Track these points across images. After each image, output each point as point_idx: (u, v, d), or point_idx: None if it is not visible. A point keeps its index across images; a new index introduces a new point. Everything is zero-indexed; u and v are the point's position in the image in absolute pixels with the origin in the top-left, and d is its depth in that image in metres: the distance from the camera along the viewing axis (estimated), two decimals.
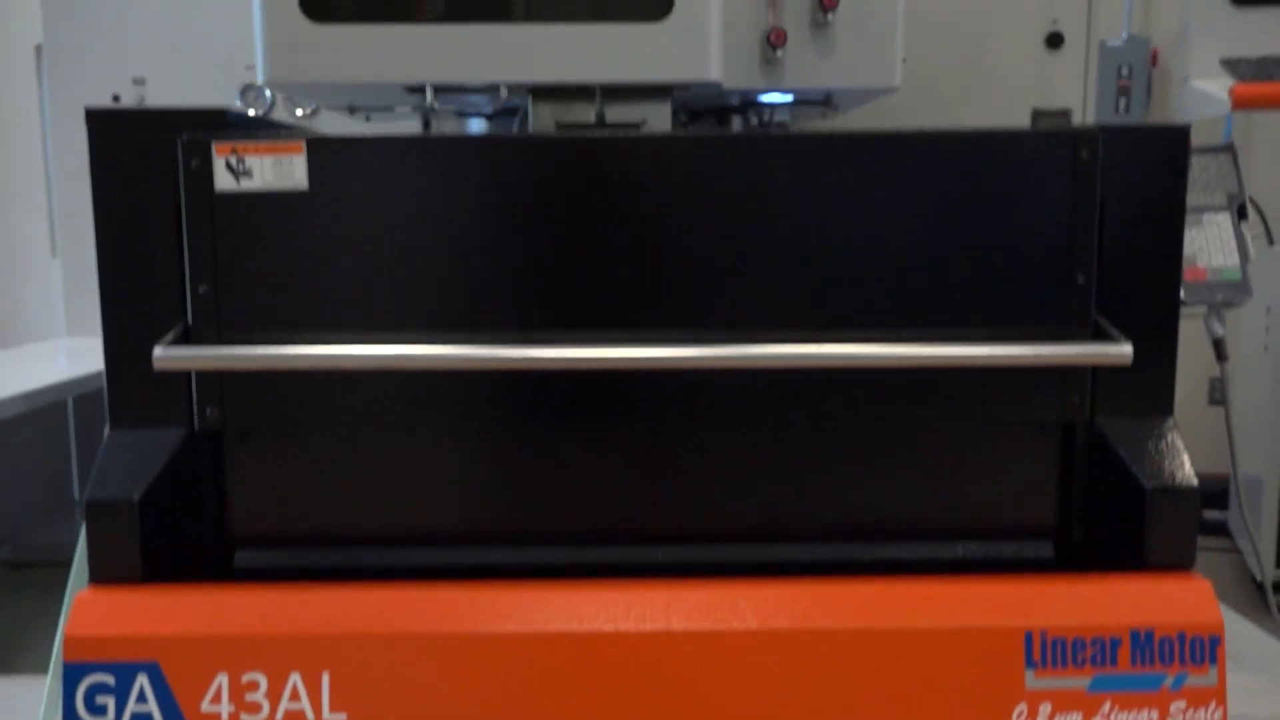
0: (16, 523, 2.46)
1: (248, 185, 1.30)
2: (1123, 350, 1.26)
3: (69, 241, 2.64)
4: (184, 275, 1.33)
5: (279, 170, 1.30)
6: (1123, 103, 4.66)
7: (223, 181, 1.30)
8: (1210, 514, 4.06)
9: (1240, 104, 1.58)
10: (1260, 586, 3.26)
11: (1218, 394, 3.30)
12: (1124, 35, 4.67)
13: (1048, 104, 2.52)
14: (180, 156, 1.30)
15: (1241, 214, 1.42)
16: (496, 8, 1.56)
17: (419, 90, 1.64)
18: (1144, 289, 1.34)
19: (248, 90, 2.62)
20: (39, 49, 6.26)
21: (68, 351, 2.44)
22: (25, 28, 6.11)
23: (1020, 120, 2.52)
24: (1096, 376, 1.34)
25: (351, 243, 1.33)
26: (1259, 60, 1.63)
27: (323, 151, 1.31)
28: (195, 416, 1.34)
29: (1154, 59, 4.64)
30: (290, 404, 1.35)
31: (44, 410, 1.97)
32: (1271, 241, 3.18)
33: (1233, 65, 1.64)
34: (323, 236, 1.32)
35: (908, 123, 2.41)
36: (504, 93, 1.64)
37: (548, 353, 1.27)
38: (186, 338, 1.32)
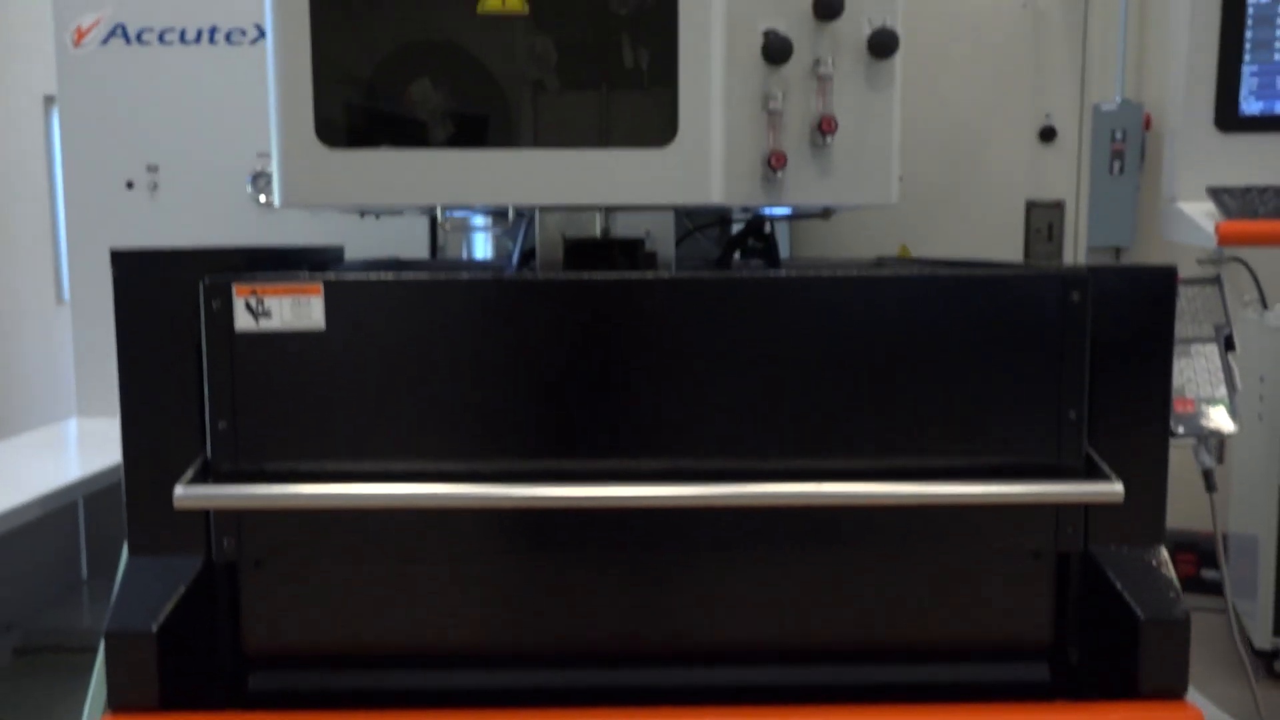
0: (25, 608, 2.49)
1: (266, 325, 1.35)
2: (1114, 489, 1.30)
3: (81, 325, 2.68)
4: (203, 410, 1.37)
5: (297, 311, 1.35)
6: (1116, 165, 4.75)
7: (242, 322, 1.35)
8: (1209, 573, 4.10)
9: (1225, 241, 1.63)
10: (1256, 650, 3.29)
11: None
12: (1117, 100, 4.77)
13: (1042, 194, 2.60)
14: (202, 297, 1.35)
15: (1229, 345, 1.47)
16: (505, 134, 1.61)
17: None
18: (1135, 423, 1.38)
19: (258, 177, 2.68)
20: (47, 99, 6.38)
21: (80, 439, 2.47)
22: (34, 78, 6.22)
23: (1015, 210, 2.60)
24: (1090, 507, 1.38)
25: (366, 380, 1.37)
26: (1244, 191, 1.68)
27: (339, 293, 1.35)
28: (212, 547, 1.38)
29: (1147, 123, 4.74)
30: (304, 535, 1.39)
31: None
32: (1266, 305, 3.23)
33: (1217, 194, 1.69)
34: (338, 374, 1.36)
35: (906, 216, 2.47)
36: (512, 213, 1.69)
37: (555, 491, 1.31)
38: (205, 470, 1.37)
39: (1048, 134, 2.54)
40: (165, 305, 1.37)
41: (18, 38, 6.14)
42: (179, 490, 1.29)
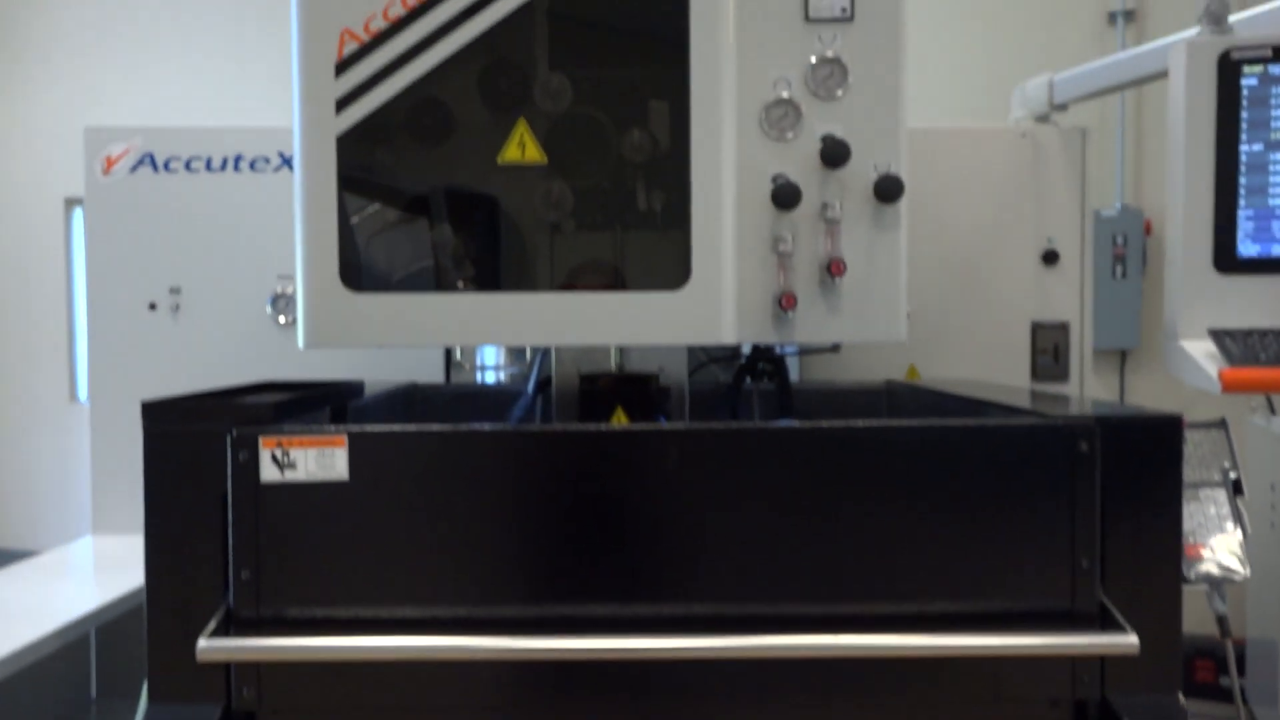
0: None
1: (291, 476, 1.38)
2: (1129, 641, 1.31)
3: (99, 445, 2.71)
4: (226, 557, 1.39)
5: (322, 462, 1.38)
6: (1119, 270, 4.83)
7: (268, 473, 1.38)
8: (1229, 681, 4.04)
9: (1230, 388, 1.66)
10: None
11: None
12: (1117, 206, 4.87)
13: (1047, 316, 2.65)
14: (229, 449, 1.38)
15: (1237, 489, 1.49)
16: (523, 277, 1.66)
17: None
18: (1147, 570, 1.39)
19: (278, 299, 2.74)
20: (68, 202, 6.53)
21: (95, 562, 2.49)
22: (55, 181, 6.39)
23: (1021, 331, 2.65)
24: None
25: (389, 530, 1.39)
26: (1245, 334, 1.73)
27: (363, 444, 1.39)
28: (232, 696, 1.39)
29: (1147, 228, 4.83)
30: (323, 685, 1.39)
31: None
32: (1274, 411, 3.25)
33: (1219, 337, 1.74)
34: (361, 524, 1.39)
35: (913, 337, 2.52)
36: (529, 352, 1.74)
37: (578, 644, 1.32)
38: (227, 618, 1.38)
39: (1050, 257, 2.60)
40: (193, 454, 1.40)
41: (40, 142, 6.33)
42: (202, 643, 1.31)
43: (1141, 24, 4.85)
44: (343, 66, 1.59)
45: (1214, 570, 1.44)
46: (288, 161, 2.74)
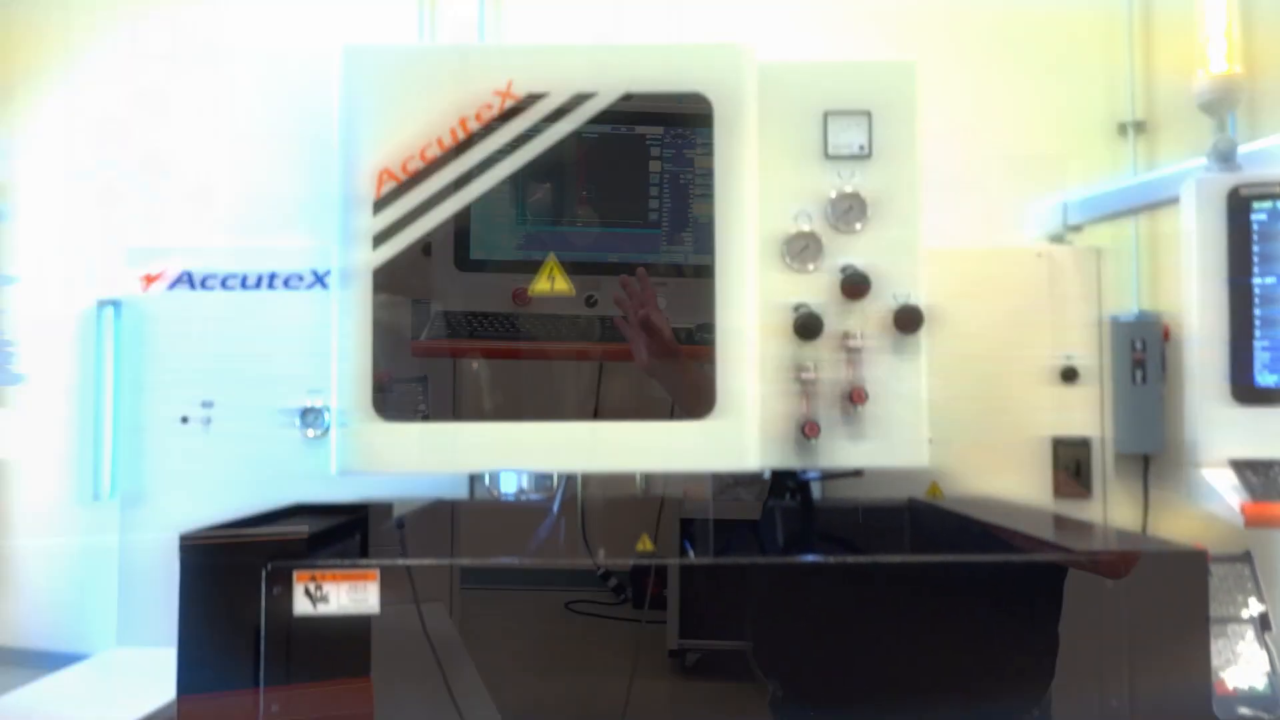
0: None
1: (324, 609, 1.40)
2: None
3: (129, 555, 2.73)
4: (258, 689, 1.40)
5: (354, 596, 1.40)
6: (1138, 375, 4.81)
7: (301, 606, 1.40)
8: None
9: (1253, 524, 1.67)
10: None
11: None
12: (1135, 311, 4.88)
13: (1068, 431, 2.66)
14: (264, 583, 1.40)
15: (1264, 624, 1.48)
16: (549, 408, 1.70)
17: None
18: (1178, 709, 1.38)
19: (308, 413, 2.78)
20: (100, 303, 6.64)
21: (119, 679, 2.48)
22: (77, 290, 6.52)
23: (1042, 446, 2.65)
24: None
25: (416, 658, 1.41)
26: (1267, 465, 1.74)
27: (395, 578, 1.41)
28: None
29: (1165, 334, 4.83)
30: None
31: None
32: None
33: (1239, 468, 1.75)
34: (390, 654, 1.40)
35: (935, 458, 2.53)
36: (556, 478, 1.76)
37: None
38: None
39: (1069, 374, 2.62)
40: (228, 587, 1.42)
41: (72, 241, 6.49)
42: None
43: (1152, 135, 4.93)
44: (380, 204, 1.66)
45: (1245, 711, 1.42)
46: (320, 279, 2.81)
